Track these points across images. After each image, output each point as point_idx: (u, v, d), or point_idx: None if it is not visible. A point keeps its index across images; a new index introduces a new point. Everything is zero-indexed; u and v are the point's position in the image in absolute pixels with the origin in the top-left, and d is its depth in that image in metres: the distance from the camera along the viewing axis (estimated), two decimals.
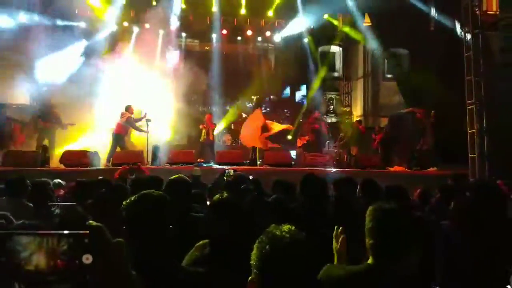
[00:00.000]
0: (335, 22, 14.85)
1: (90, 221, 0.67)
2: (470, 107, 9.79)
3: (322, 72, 15.43)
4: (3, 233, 0.65)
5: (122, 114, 10.21)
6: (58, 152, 9.65)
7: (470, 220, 3.05)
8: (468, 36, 9.69)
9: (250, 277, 1.23)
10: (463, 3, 9.81)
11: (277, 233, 1.25)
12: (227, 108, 15.20)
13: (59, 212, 1.97)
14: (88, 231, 0.69)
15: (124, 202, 1.63)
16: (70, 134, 10.67)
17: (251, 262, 1.25)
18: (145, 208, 1.56)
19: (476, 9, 9.75)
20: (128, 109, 10.26)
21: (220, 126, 13.39)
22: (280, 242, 1.22)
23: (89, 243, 0.68)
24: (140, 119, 10.26)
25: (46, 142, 9.83)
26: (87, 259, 0.67)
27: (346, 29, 14.83)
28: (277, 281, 1.18)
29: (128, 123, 10.12)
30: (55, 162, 9.29)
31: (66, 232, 0.68)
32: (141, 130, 10.27)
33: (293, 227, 1.32)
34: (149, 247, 1.44)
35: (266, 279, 1.19)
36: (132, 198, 1.60)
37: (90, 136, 10.77)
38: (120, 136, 10.03)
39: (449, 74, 10.69)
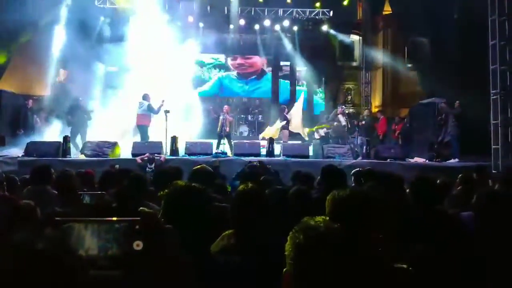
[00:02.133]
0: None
1: (142, 208, 0.66)
2: (494, 97, 9.51)
3: None
4: (61, 219, 0.64)
5: (141, 103, 10.27)
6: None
7: (496, 210, 2.97)
8: (494, 23, 9.36)
9: (285, 269, 1.22)
10: None
11: (311, 223, 1.24)
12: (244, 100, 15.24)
13: (89, 200, 1.99)
14: (139, 218, 0.68)
15: (162, 193, 1.63)
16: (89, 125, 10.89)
17: (286, 253, 1.23)
18: (189, 201, 1.56)
19: None
20: (146, 97, 10.32)
21: None
22: (314, 231, 1.20)
23: (140, 230, 0.67)
24: (159, 108, 10.18)
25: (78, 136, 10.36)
26: (138, 245, 0.67)
27: None
28: (313, 271, 1.17)
29: (150, 110, 10.16)
30: (76, 152, 9.48)
31: (117, 219, 0.67)
32: (158, 110, 10.12)
33: (327, 218, 1.30)
34: (187, 238, 1.43)
35: (302, 269, 1.17)
36: (173, 190, 1.60)
37: (109, 126, 10.90)
38: (145, 127, 10.18)
39: (472, 63, 10.39)
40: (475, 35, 10.43)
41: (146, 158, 7.89)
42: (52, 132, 10.85)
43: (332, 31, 15.15)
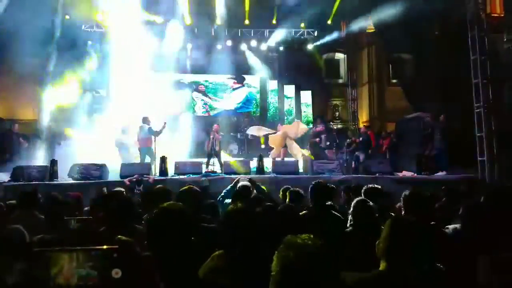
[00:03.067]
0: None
1: (119, 236, 0.66)
2: (477, 110, 9.72)
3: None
4: (39, 250, 0.64)
5: (142, 127, 10.33)
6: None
7: (485, 225, 3.01)
8: (474, 38, 9.65)
9: None
10: (468, 6, 9.80)
11: (298, 241, 1.24)
12: (233, 118, 15.34)
13: (76, 225, 1.96)
14: (117, 246, 0.67)
15: (145, 217, 1.61)
16: (78, 148, 10.78)
17: (272, 272, 1.22)
18: (168, 222, 1.53)
19: (481, 12, 9.73)
20: (146, 120, 10.39)
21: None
22: (303, 250, 1.20)
23: (118, 258, 0.67)
24: (161, 130, 10.27)
25: None
26: (116, 273, 0.66)
27: None
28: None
29: (150, 133, 10.24)
30: (63, 176, 9.34)
31: (96, 247, 0.67)
32: (160, 132, 10.29)
33: (311, 235, 1.31)
34: (173, 260, 1.41)
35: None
36: (154, 213, 1.57)
37: (98, 149, 10.81)
38: (150, 149, 10.20)
39: (455, 77, 10.65)
40: (457, 50, 10.72)
41: (134, 179, 7.82)
42: (39, 156, 10.73)
43: (317, 50, 15.47)
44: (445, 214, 3.58)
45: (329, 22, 14.46)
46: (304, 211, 3.67)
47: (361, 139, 12.24)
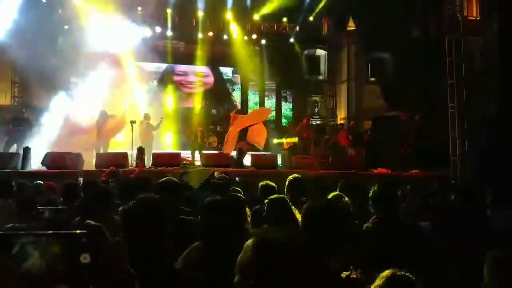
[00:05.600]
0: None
1: (88, 221, 0.65)
2: (451, 110, 10.00)
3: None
4: (3, 234, 0.64)
5: (142, 122, 10.73)
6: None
7: (452, 220, 3.14)
8: (451, 41, 9.90)
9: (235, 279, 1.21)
10: (445, 8, 10.03)
11: (263, 235, 1.24)
12: (213, 111, 15.26)
13: (49, 215, 1.91)
14: (85, 231, 0.68)
15: (121, 208, 1.59)
16: (52, 136, 10.50)
17: (239, 266, 1.23)
18: (144, 213, 1.52)
19: (458, 15, 9.98)
20: (146, 116, 10.93)
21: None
22: (268, 243, 1.20)
23: (87, 243, 0.67)
24: (157, 125, 10.92)
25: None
26: (85, 258, 0.66)
27: None
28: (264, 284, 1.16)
29: (148, 127, 10.85)
30: (36, 164, 9.10)
31: (63, 232, 0.67)
32: (158, 127, 11.09)
33: (279, 229, 1.32)
34: (148, 252, 1.40)
35: (254, 282, 1.17)
36: (130, 204, 1.56)
37: (73, 138, 10.58)
38: (150, 142, 10.72)
39: (433, 78, 10.91)
40: (435, 52, 10.98)
41: (110, 172, 7.64)
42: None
43: (298, 46, 15.52)
44: (412, 212, 3.70)
45: (311, 18, 14.53)
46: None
47: (352, 134, 12.33)
